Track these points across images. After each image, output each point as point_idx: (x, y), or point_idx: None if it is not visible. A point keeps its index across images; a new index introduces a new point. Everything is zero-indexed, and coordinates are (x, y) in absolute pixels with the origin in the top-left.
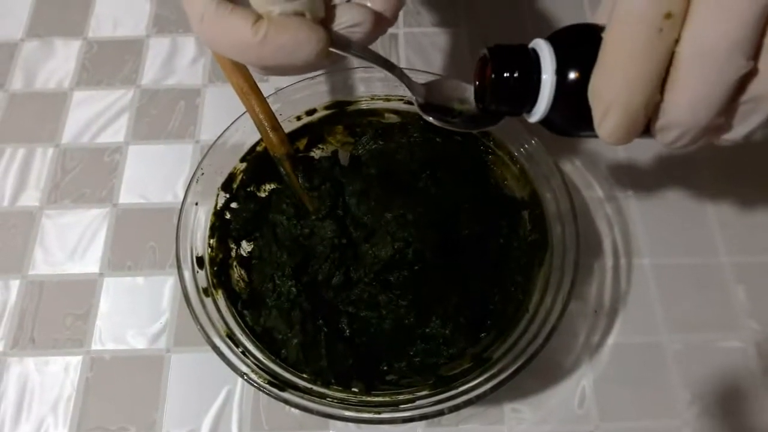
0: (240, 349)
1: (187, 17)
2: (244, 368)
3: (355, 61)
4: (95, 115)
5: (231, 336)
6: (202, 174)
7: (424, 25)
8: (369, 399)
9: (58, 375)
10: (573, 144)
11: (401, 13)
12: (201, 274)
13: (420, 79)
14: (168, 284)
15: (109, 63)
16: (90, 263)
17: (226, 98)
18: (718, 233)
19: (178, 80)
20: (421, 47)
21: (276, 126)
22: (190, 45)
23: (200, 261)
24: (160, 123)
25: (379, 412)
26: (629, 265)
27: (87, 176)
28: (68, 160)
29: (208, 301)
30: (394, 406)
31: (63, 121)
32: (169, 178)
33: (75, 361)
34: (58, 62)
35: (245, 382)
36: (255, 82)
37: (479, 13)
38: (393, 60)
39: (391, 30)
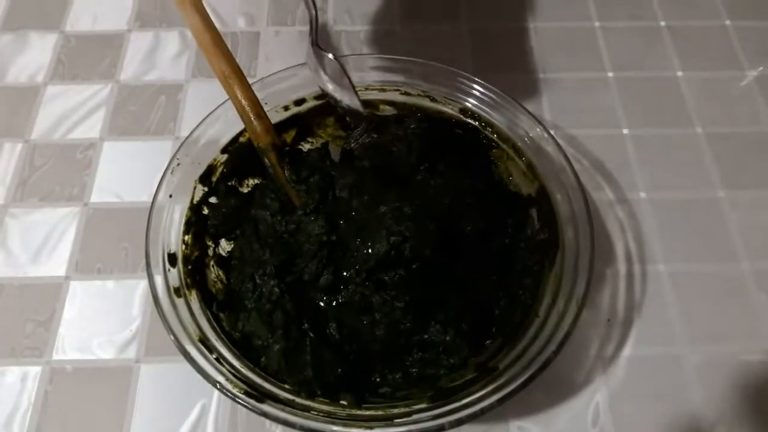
0: (214, 356)
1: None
2: (217, 376)
3: (346, 49)
4: (69, 110)
5: (204, 341)
6: (178, 164)
7: (424, 20)
8: (359, 413)
9: (13, 387)
10: (580, 143)
11: (399, 8)
12: (173, 273)
13: None
14: (140, 289)
15: (87, 57)
16: (56, 266)
17: (210, 93)
18: (738, 238)
19: (159, 75)
20: (421, 41)
21: (260, 114)
22: (173, 40)
23: (172, 258)
24: (138, 119)
25: (371, 427)
26: (643, 271)
27: (57, 173)
28: (37, 157)
29: (180, 302)
30: (388, 420)
31: (33, 116)
32: (146, 176)
33: (33, 372)
34: (32, 56)
35: (221, 395)
36: (238, 66)
37: (479, 7)
38: (391, 54)
39: (388, 26)
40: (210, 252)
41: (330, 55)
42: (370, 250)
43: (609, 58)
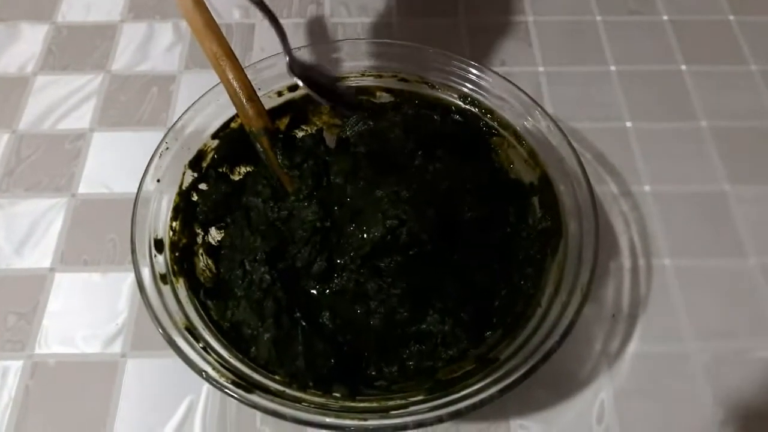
0: (201, 345)
1: None
2: (204, 366)
3: (340, 33)
4: (59, 100)
5: (191, 329)
6: (167, 149)
7: (422, 13)
8: (353, 405)
9: None
10: (583, 137)
11: (396, 1)
12: (159, 259)
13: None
14: (127, 281)
15: (79, 48)
16: (41, 257)
17: (204, 84)
18: (745, 232)
19: (152, 66)
20: (418, 35)
21: (252, 96)
22: (167, 31)
23: (159, 244)
24: (129, 109)
25: (365, 419)
26: (648, 265)
27: (45, 164)
28: (24, 147)
29: (166, 289)
30: (384, 412)
31: (22, 107)
32: (136, 167)
33: (15, 366)
34: (23, 46)
35: (210, 391)
36: (229, 47)
37: (476, 3)
38: None
39: (385, 19)
40: (199, 240)
41: (301, 83)
42: (365, 235)
43: (611, 51)
